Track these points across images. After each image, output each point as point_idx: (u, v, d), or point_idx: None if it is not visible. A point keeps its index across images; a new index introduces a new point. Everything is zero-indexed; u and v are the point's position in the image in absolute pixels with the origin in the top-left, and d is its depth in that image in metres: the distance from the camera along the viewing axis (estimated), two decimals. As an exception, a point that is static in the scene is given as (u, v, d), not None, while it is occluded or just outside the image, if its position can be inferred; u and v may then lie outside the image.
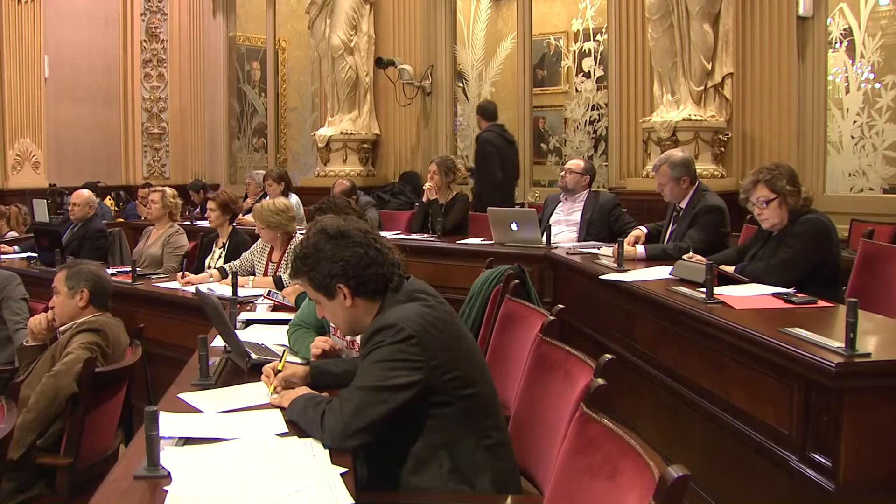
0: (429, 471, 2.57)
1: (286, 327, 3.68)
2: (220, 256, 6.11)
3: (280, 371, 2.90)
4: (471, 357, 2.69)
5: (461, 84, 10.58)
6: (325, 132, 10.64)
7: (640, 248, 5.35)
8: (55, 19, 12.48)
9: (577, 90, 10.03)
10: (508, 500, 2.61)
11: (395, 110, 10.64)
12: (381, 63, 10.42)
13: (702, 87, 7.52)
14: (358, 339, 3.18)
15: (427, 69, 10.33)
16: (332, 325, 3.37)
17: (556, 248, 6.07)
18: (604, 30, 9.43)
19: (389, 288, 2.72)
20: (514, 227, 6.25)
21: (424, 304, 2.65)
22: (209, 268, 6.03)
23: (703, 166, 7.30)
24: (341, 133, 10.51)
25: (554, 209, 6.71)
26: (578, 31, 10.07)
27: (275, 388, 2.84)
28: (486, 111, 8.64)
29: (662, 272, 4.68)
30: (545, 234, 6.17)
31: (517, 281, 4.09)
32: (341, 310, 2.75)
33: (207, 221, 6.63)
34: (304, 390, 2.75)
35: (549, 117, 10.98)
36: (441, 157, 7.82)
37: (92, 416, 3.50)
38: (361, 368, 2.57)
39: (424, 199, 7.46)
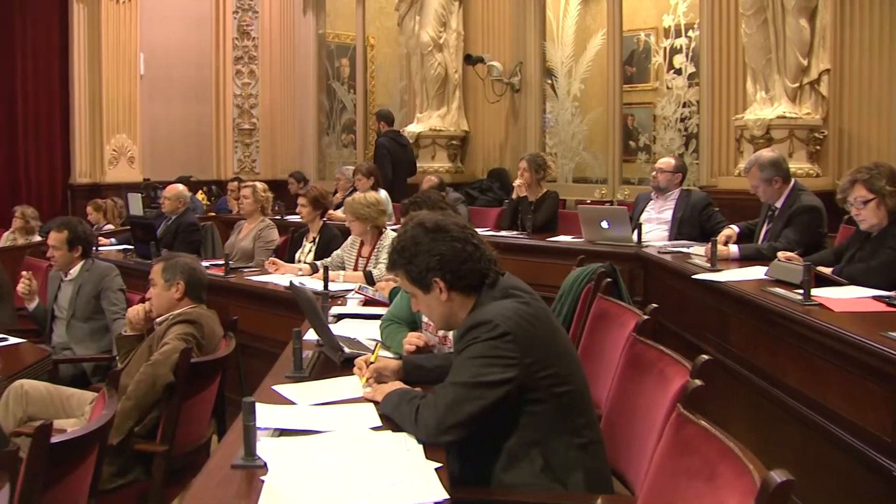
0: (521, 468, 2.56)
1: (378, 322, 3.70)
2: (310, 251, 6.18)
3: (372, 364, 2.92)
4: (565, 355, 2.68)
5: (550, 81, 10.52)
6: (413, 128, 10.68)
7: (734, 248, 5.25)
8: (151, 19, 12.78)
9: (667, 87, 9.89)
10: (600, 500, 2.59)
11: (484, 107, 10.63)
12: (470, 60, 10.42)
13: (797, 84, 7.35)
14: (451, 335, 3.19)
15: (516, 66, 10.30)
16: (424, 320, 3.39)
17: (647, 246, 6.00)
18: (696, 25, 9.28)
19: (485, 284, 2.71)
20: (604, 225, 6.19)
21: (519, 300, 2.65)
22: (299, 262, 6.11)
23: (798, 165, 7.13)
24: (430, 129, 10.55)
25: (645, 207, 6.64)
26: (669, 27, 9.93)
27: (367, 381, 2.86)
28: (387, 117, 10.24)
29: (757, 272, 4.59)
30: (636, 232, 6.11)
31: (609, 279, 4.06)
32: (437, 304, 2.75)
33: (298, 216, 6.70)
34: (398, 385, 2.77)
35: (638, 114, 10.85)
36: (531, 154, 7.79)
37: (187, 406, 3.58)
38: (456, 364, 2.58)
39: (514, 195, 7.45)
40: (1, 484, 2.07)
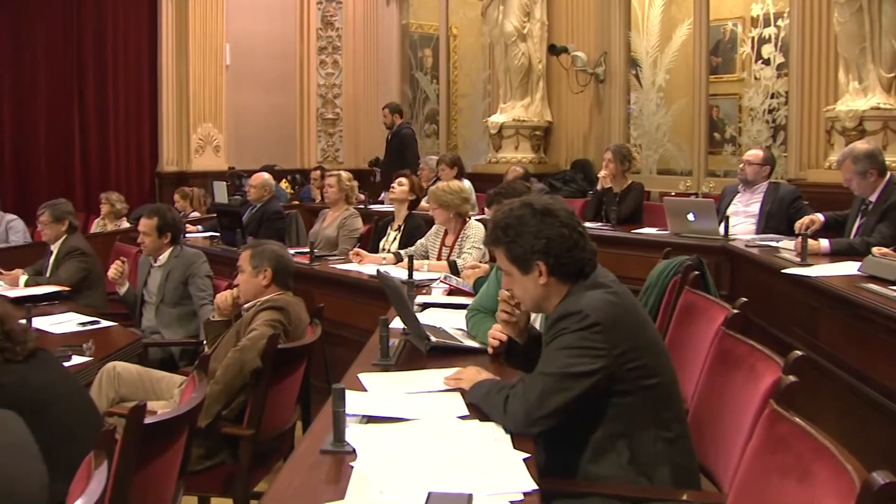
0: (607, 460, 2.55)
1: (463, 311, 3.71)
2: (394, 239, 6.20)
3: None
4: (654, 347, 2.66)
5: (635, 71, 10.40)
6: (497, 119, 10.64)
7: (825, 243, 5.14)
8: (236, 9, 12.95)
9: (755, 78, 9.70)
10: (687, 496, 2.57)
11: (568, 97, 10.54)
12: (554, 50, 10.34)
13: (892, 74, 7.14)
14: (537, 324, 3.19)
15: (600, 56, 10.20)
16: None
17: (734, 239, 5.90)
18: (785, 14, 9.08)
19: (583, 273, 2.70)
20: (691, 217, 6.11)
21: (608, 291, 2.63)
22: (383, 250, 6.14)
23: (893, 158, 6.94)
24: (513, 120, 10.49)
25: (731, 200, 6.52)
26: (758, 16, 9.73)
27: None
28: (400, 110, 10.76)
29: (849, 268, 4.48)
30: (723, 225, 6.01)
31: (696, 272, 4.01)
32: (532, 286, 2.72)
33: (390, 197, 6.72)
34: (485, 373, 2.77)
35: (723, 106, 10.65)
36: (616, 144, 7.73)
37: (273, 391, 3.62)
38: (545, 354, 2.57)
39: (599, 187, 7.40)
40: (99, 462, 2.12)
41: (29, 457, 2.17)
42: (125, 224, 8.96)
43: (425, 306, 4.13)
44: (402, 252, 5.63)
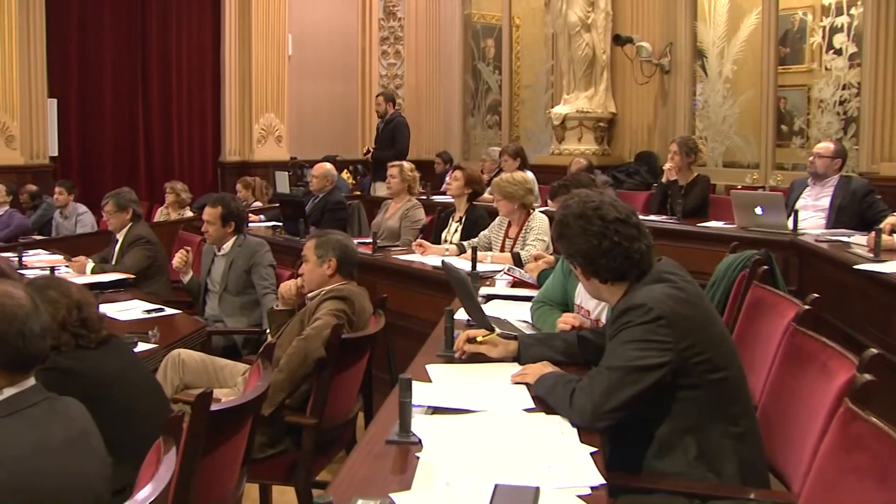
0: (674, 456, 2.53)
1: (527, 304, 3.70)
2: (456, 230, 6.21)
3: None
4: (720, 340, 2.64)
5: (701, 61, 10.27)
6: (560, 110, 10.58)
7: (900, 238, 5.04)
8: (299, 0, 13.06)
9: (825, 68, 9.52)
10: (756, 494, 2.53)
11: (633, 88, 10.46)
12: (618, 40, 10.26)
13: (971, 66, 6.98)
14: (604, 317, 3.17)
15: (666, 46, 10.10)
16: (577, 302, 3.37)
17: (804, 234, 5.81)
18: (859, 3, 8.90)
19: (629, 274, 2.69)
20: (758, 211, 6.02)
21: (672, 285, 2.61)
22: (445, 241, 6.15)
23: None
24: (577, 111, 10.42)
25: (801, 193, 6.41)
26: (829, 4, 9.53)
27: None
28: (393, 98, 10.46)
29: (925, 264, 4.40)
30: (792, 219, 5.92)
31: (765, 267, 3.95)
32: (583, 279, 2.81)
33: (447, 193, 6.74)
34: (549, 367, 2.77)
35: (791, 97, 10.47)
36: (682, 136, 7.64)
37: (336, 381, 3.64)
38: (610, 349, 2.57)
39: (664, 179, 7.32)
40: (168, 448, 2.15)
41: (92, 450, 2.20)
42: (188, 213, 9.09)
43: (489, 298, 4.12)
44: (465, 243, 5.63)
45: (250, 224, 7.22)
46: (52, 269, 5.73)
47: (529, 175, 6.06)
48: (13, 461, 1.94)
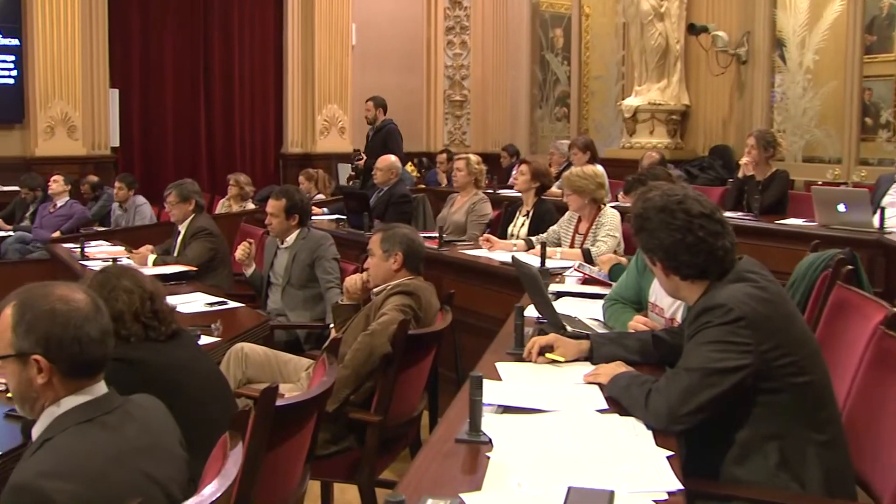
0: (754, 462, 2.49)
1: (598, 301, 3.68)
2: (522, 225, 6.19)
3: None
4: (804, 342, 2.59)
5: (780, 51, 10.11)
6: (631, 102, 10.51)
7: None
8: (363, -11, 13.13)
9: (917, 57, 9.32)
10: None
11: (707, 80, 10.34)
12: (693, 29, 10.15)
13: None
14: (678, 316, 3.14)
15: (743, 35, 9.96)
16: (651, 300, 3.34)
17: (891, 233, 5.68)
18: (953, -12, 8.70)
19: (710, 272, 2.66)
20: (841, 208, 5.91)
21: (754, 284, 2.57)
22: (512, 236, 6.13)
23: None
24: (649, 103, 10.34)
25: (887, 190, 6.29)
26: (921, -11, 9.34)
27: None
28: (383, 104, 10.00)
29: None
30: (878, 217, 5.80)
31: (849, 267, 3.87)
32: (661, 276, 2.77)
33: (513, 187, 6.73)
34: (624, 367, 2.75)
35: (877, 88, 10.25)
36: (760, 130, 7.53)
37: (402, 377, 3.65)
38: (688, 349, 2.54)
39: (740, 174, 7.21)
40: (234, 443, 2.17)
41: (170, 456, 2.21)
42: (250, 206, 9.18)
43: (559, 295, 4.10)
44: (533, 238, 5.61)
45: (313, 217, 7.28)
46: (115, 260, 5.81)
47: (600, 169, 6.02)
48: (88, 472, 1.95)
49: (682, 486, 2.04)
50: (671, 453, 2.22)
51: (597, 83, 12.66)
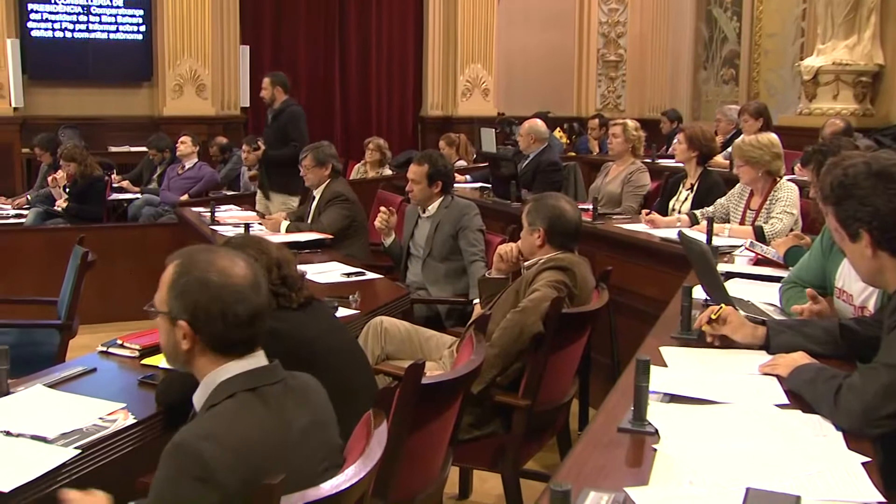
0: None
1: (772, 284, 3.59)
2: (686, 199, 6.06)
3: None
4: None
5: None
6: (812, 62, 10.11)
7: None
8: (511, -60, 13.08)
9: None
10: None
11: (907, 36, 9.88)
12: (894, -25, 9.73)
13: None
14: (870, 305, 3.02)
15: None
16: (838, 286, 3.23)
17: None
18: None
19: None
20: None
21: None
22: (673, 211, 6.02)
23: None
24: (833, 63, 9.91)
25: None
26: None
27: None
28: (283, 82, 8.41)
29: None
30: None
31: None
32: (859, 256, 2.58)
33: (674, 157, 6.61)
34: (807, 358, 2.65)
35: None
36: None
37: (553, 359, 3.63)
38: (887, 342, 2.41)
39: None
40: (379, 421, 2.19)
41: (326, 438, 2.24)
42: (387, 171, 9.27)
43: (728, 276, 4.00)
44: (697, 213, 5.50)
45: (455, 185, 7.31)
46: (247, 226, 5.96)
47: (775, 138, 5.85)
48: (245, 445, 1.99)
49: (883, 499, 1.94)
50: (867, 459, 2.11)
51: (771, 41, 12.30)
